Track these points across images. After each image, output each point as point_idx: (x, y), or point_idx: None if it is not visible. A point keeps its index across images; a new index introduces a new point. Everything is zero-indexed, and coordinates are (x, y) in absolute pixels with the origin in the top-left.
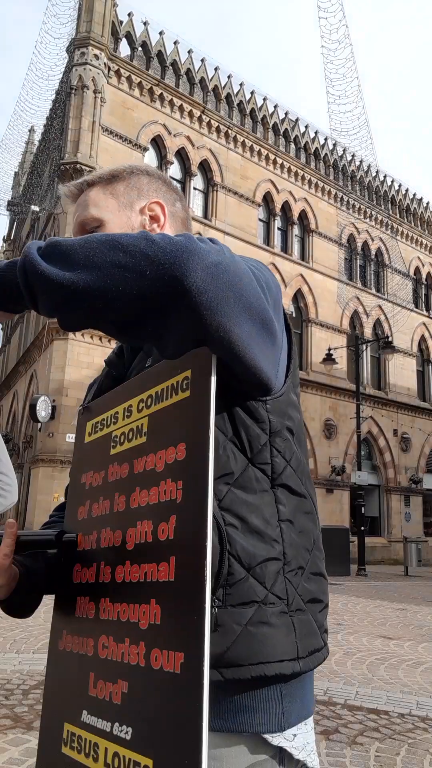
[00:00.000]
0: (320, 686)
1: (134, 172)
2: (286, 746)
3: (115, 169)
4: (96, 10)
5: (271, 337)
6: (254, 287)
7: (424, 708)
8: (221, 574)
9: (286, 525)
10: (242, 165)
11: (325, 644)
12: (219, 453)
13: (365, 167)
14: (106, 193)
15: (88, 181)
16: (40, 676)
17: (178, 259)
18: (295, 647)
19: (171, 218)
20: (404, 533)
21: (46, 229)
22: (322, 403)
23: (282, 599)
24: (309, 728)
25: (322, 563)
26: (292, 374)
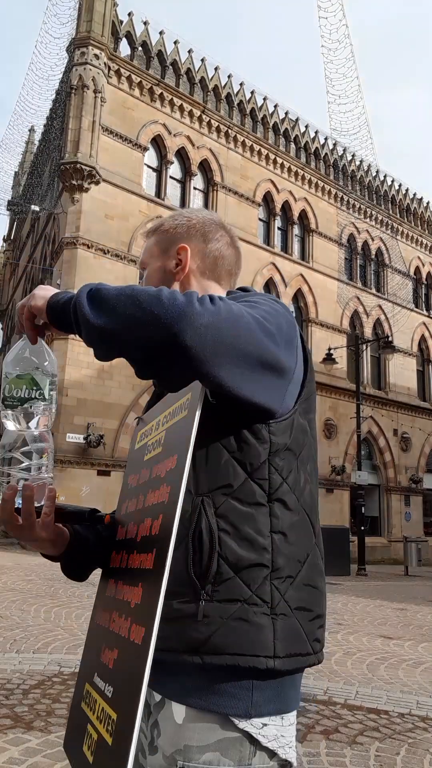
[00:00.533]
0: (320, 686)
1: (175, 221)
2: (252, 732)
3: (164, 220)
4: (96, 9)
5: (274, 373)
6: (252, 337)
7: (424, 708)
8: (210, 572)
9: (278, 536)
10: (242, 165)
11: (314, 653)
12: (221, 467)
13: (365, 167)
14: (155, 241)
15: (149, 231)
16: (40, 675)
17: (175, 320)
18: (272, 646)
19: (200, 259)
20: (404, 533)
21: (46, 229)
22: (322, 403)
23: (266, 602)
24: (286, 723)
25: (319, 577)
26: (305, 401)
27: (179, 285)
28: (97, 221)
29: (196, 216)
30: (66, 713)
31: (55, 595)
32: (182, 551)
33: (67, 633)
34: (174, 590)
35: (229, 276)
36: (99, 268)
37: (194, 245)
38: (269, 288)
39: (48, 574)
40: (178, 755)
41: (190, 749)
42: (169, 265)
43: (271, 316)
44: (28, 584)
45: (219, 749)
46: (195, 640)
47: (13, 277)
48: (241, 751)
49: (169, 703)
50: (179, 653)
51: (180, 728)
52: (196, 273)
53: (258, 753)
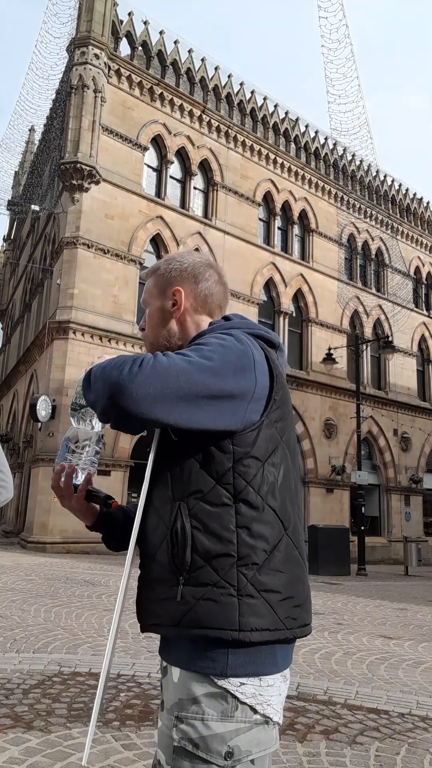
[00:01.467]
0: (320, 686)
1: (169, 265)
2: (230, 689)
3: (160, 263)
4: (96, 9)
5: (223, 400)
6: (187, 380)
7: (424, 708)
8: (185, 562)
9: (243, 530)
10: (242, 164)
11: (288, 628)
12: (192, 476)
13: (365, 167)
14: (153, 283)
15: (148, 272)
16: (40, 675)
17: (111, 390)
18: (237, 622)
19: (193, 299)
20: (404, 533)
21: (46, 229)
22: (322, 403)
23: (232, 585)
24: (265, 685)
25: (290, 564)
26: (275, 411)
27: (176, 321)
28: (97, 221)
29: (187, 260)
30: (66, 713)
31: (55, 595)
32: (165, 546)
33: (67, 633)
34: (161, 577)
35: (219, 309)
36: (99, 268)
37: (187, 287)
38: (269, 288)
39: (48, 574)
40: (175, 707)
41: (183, 701)
42: (167, 305)
43: (216, 353)
44: (28, 584)
45: (203, 702)
46: (176, 617)
47: (13, 277)
48: (223, 704)
49: (170, 668)
50: (167, 627)
51: (176, 686)
52: (189, 310)
53: (240, 707)
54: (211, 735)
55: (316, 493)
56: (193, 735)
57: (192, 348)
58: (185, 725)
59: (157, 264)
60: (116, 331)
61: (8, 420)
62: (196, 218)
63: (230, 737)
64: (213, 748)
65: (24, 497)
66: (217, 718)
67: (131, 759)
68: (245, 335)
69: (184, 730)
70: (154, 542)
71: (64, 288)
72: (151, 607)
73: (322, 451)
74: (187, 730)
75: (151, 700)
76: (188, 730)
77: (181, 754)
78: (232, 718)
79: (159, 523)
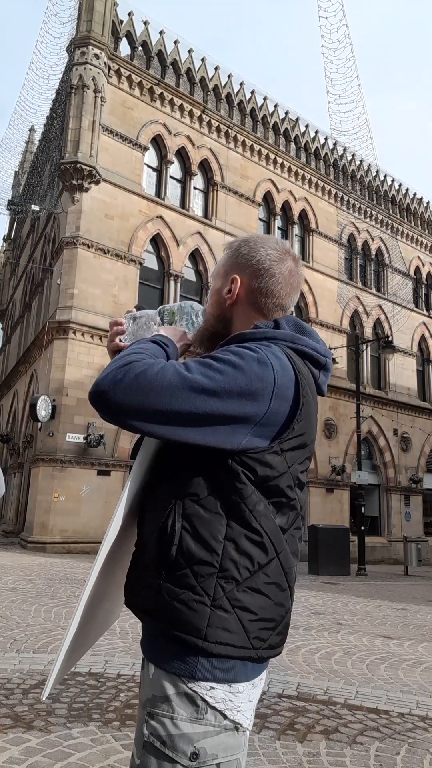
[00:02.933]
0: (320, 686)
1: (242, 248)
2: (200, 692)
3: (239, 241)
4: (96, 9)
5: (216, 421)
6: (172, 397)
7: (424, 707)
8: (168, 559)
9: (229, 544)
10: (242, 164)
11: (253, 648)
12: (192, 480)
13: (365, 167)
14: (223, 260)
15: (227, 245)
16: (40, 675)
17: (94, 389)
18: (203, 631)
19: (249, 292)
20: (404, 533)
21: (46, 229)
22: (322, 403)
23: (208, 594)
24: (235, 691)
25: (273, 587)
26: (286, 442)
27: (227, 309)
28: (97, 221)
29: (260, 251)
30: (66, 713)
31: (55, 595)
32: (156, 536)
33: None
34: (149, 565)
35: (279, 310)
36: (99, 268)
37: (245, 279)
38: None
39: (48, 574)
40: (147, 703)
41: (155, 698)
42: (224, 289)
43: (223, 374)
44: (28, 584)
45: (174, 701)
46: (152, 607)
47: (13, 277)
48: (194, 706)
49: (147, 663)
50: (143, 612)
51: (150, 682)
52: (243, 303)
53: (210, 711)
54: (179, 734)
55: (316, 493)
56: (162, 732)
57: (202, 360)
58: (155, 722)
59: (238, 240)
60: None
61: (8, 420)
62: (196, 218)
63: (197, 739)
64: (179, 747)
65: (24, 497)
66: (187, 719)
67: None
68: (280, 353)
69: (153, 726)
70: (150, 530)
71: (64, 288)
72: (137, 587)
73: (322, 451)
74: (157, 727)
75: None
76: (158, 727)
77: (149, 749)
78: (202, 721)
79: (156, 513)
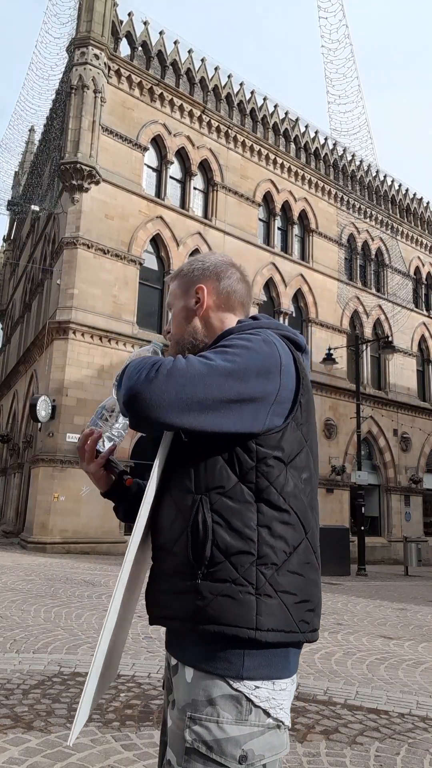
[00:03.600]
0: (320, 686)
1: (192, 265)
2: (245, 692)
3: (183, 266)
4: (96, 9)
5: (243, 404)
6: (204, 385)
7: (424, 708)
8: (204, 556)
9: (264, 530)
10: (242, 165)
11: (300, 632)
12: (216, 472)
13: (365, 167)
14: (177, 285)
15: (171, 276)
16: (40, 675)
17: (129, 393)
18: (254, 620)
19: (216, 296)
20: (404, 533)
21: (46, 229)
22: (322, 403)
23: (251, 583)
24: (278, 689)
25: (308, 568)
26: (298, 416)
27: (200, 319)
28: (97, 221)
29: (209, 259)
30: (66, 713)
31: (55, 595)
32: (183, 539)
33: (67, 633)
34: (178, 570)
35: (241, 306)
36: (99, 268)
37: (209, 284)
38: (269, 288)
39: (48, 574)
40: (188, 708)
41: (197, 702)
42: (190, 304)
43: (239, 356)
44: (28, 584)
45: (219, 704)
46: (192, 611)
47: (13, 277)
48: (238, 708)
49: (182, 666)
50: (181, 620)
51: (189, 686)
52: (213, 307)
53: (254, 710)
54: (226, 738)
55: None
56: (208, 737)
57: (216, 350)
58: (199, 727)
59: (180, 267)
60: (116, 331)
61: (8, 420)
62: (196, 218)
63: (244, 741)
64: (227, 751)
65: (24, 497)
66: (232, 722)
67: (131, 759)
68: (274, 336)
69: (197, 731)
70: (172, 535)
71: (64, 288)
72: (164, 599)
73: (322, 451)
74: (201, 732)
75: (151, 700)
76: (202, 732)
77: (194, 755)
78: (247, 722)
79: (177, 515)
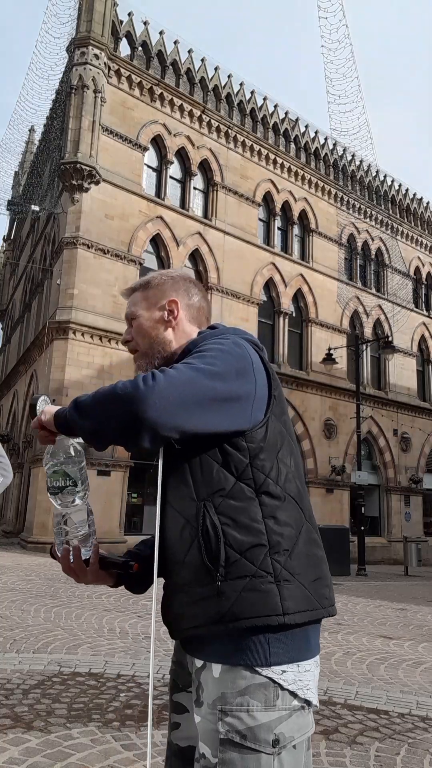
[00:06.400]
0: (320, 686)
1: (162, 278)
2: (274, 677)
3: (149, 278)
4: (96, 9)
5: (230, 403)
6: (195, 387)
7: (424, 708)
8: (220, 558)
9: (270, 520)
10: (242, 165)
11: (323, 607)
12: (213, 476)
13: (365, 167)
14: (143, 295)
15: (134, 287)
16: (40, 675)
17: (133, 404)
18: (279, 606)
19: (187, 309)
20: (404, 533)
21: (46, 229)
22: (322, 403)
23: (269, 573)
24: (302, 670)
25: (314, 546)
26: (276, 406)
27: (171, 331)
28: (97, 221)
29: (176, 274)
30: (66, 713)
31: (55, 595)
32: (195, 546)
33: (67, 633)
34: (194, 579)
35: (206, 321)
36: (99, 268)
37: (182, 298)
38: (269, 288)
39: (48, 574)
40: (218, 702)
41: (226, 695)
42: (162, 315)
43: (217, 359)
44: (28, 584)
45: (248, 693)
46: (218, 613)
47: (13, 277)
48: (266, 694)
49: (209, 664)
50: (208, 626)
51: (217, 681)
52: (184, 321)
53: (281, 695)
54: (258, 725)
55: (316, 493)
56: (240, 727)
57: (194, 356)
58: (231, 718)
59: (145, 279)
60: (116, 331)
61: (8, 420)
62: (196, 218)
63: (275, 725)
64: (260, 737)
65: (24, 497)
66: (261, 708)
67: (131, 759)
68: (240, 339)
69: (230, 722)
70: (182, 546)
71: (64, 288)
72: (188, 610)
73: (322, 451)
74: (234, 723)
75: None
76: (234, 722)
77: (229, 745)
78: (275, 707)
79: (185, 525)
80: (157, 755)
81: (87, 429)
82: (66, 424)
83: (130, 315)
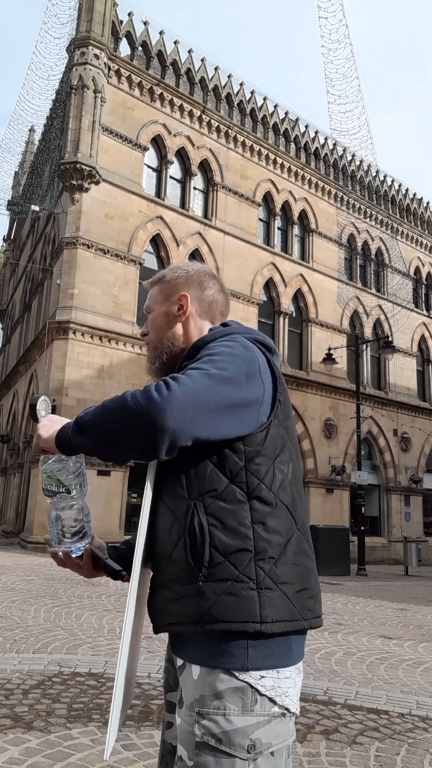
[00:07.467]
0: (320, 686)
1: (176, 272)
2: (251, 682)
3: (165, 272)
4: (96, 9)
5: (241, 409)
6: (212, 393)
7: (424, 708)
8: (204, 558)
9: (258, 526)
10: (242, 165)
11: (304, 619)
12: (207, 476)
13: (365, 167)
14: (158, 290)
15: (152, 281)
16: (40, 675)
17: (151, 416)
18: (258, 614)
19: (198, 304)
20: (404, 533)
21: (46, 229)
22: (322, 403)
23: (251, 579)
24: (282, 677)
25: (303, 557)
26: (281, 411)
27: (181, 325)
28: (97, 221)
29: (192, 268)
30: (66, 713)
31: (55, 595)
32: (181, 544)
33: (67, 633)
34: (178, 576)
35: (221, 316)
36: (99, 268)
37: (193, 292)
38: (269, 288)
39: (48, 574)
40: (196, 704)
41: (204, 698)
42: (172, 310)
43: (229, 363)
44: (28, 584)
45: (225, 696)
46: (196, 613)
47: (13, 277)
48: (243, 699)
49: (188, 665)
50: (187, 624)
51: (196, 683)
52: (194, 315)
53: (259, 700)
54: (234, 729)
55: (316, 493)
56: (216, 730)
57: (204, 360)
58: (207, 721)
59: (161, 272)
60: (116, 331)
61: (8, 420)
62: (196, 218)
63: (251, 731)
64: (236, 742)
65: (24, 497)
66: (238, 713)
67: (131, 759)
68: (249, 341)
69: (206, 725)
70: (170, 542)
71: (64, 288)
72: (169, 606)
73: (322, 451)
74: (210, 726)
75: (151, 700)
76: (210, 725)
77: (204, 749)
78: (252, 712)
79: (174, 522)
80: (155, 754)
81: (95, 448)
82: (70, 446)
83: (146, 308)
